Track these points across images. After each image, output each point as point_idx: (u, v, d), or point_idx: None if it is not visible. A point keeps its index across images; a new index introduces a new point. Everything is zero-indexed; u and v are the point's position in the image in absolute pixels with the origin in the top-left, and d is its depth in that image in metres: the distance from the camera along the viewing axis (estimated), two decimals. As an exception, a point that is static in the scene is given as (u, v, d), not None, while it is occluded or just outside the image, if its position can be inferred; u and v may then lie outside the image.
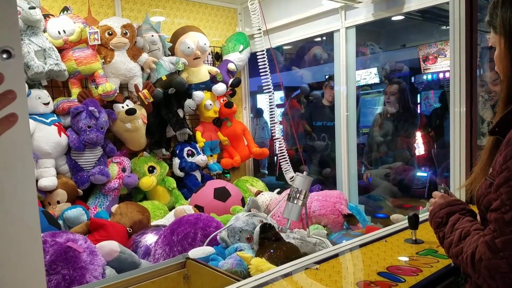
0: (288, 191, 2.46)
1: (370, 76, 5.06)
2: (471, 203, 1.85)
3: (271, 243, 1.42)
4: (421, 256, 1.33)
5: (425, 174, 3.67)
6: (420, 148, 3.80)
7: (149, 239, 1.92)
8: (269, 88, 2.30)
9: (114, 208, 2.16)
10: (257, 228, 1.57)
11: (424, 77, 5.08)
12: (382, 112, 3.75)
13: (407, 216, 1.49)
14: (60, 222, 2.11)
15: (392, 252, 1.36)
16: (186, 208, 2.23)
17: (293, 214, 1.63)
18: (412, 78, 5.28)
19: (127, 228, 2.02)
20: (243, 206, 2.60)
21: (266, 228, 1.45)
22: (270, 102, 2.40)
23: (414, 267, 1.23)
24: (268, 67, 2.40)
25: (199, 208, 2.42)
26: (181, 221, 1.74)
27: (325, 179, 3.72)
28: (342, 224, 2.22)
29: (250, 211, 1.96)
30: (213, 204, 2.43)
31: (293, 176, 2.12)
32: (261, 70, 2.32)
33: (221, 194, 2.48)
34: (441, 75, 4.80)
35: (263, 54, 2.39)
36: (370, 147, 3.72)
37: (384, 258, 1.30)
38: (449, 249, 1.01)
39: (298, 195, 1.64)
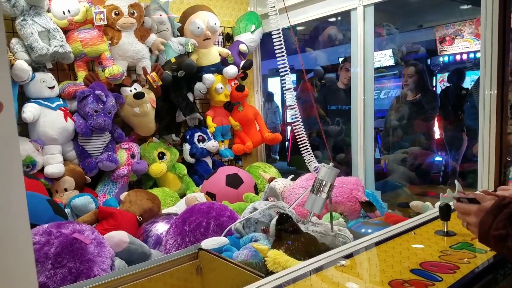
0: (302, 178, 2.37)
1: (385, 58, 4.90)
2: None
3: (289, 235, 1.32)
4: (456, 250, 1.21)
5: (441, 159, 3.54)
6: (438, 132, 3.66)
7: (160, 228, 1.84)
8: (286, 70, 2.16)
9: (123, 196, 2.08)
10: (274, 221, 1.47)
11: (441, 59, 4.91)
12: (400, 95, 3.59)
13: (438, 206, 1.37)
14: (68, 210, 2.04)
15: (424, 246, 1.25)
16: (197, 195, 2.15)
17: (316, 207, 1.53)
18: (428, 60, 5.11)
19: (137, 217, 1.94)
20: (256, 193, 2.51)
21: (283, 219, 1.35)
22: (285, 86, 2.26)
23: (449, 263, 1.11)
24: (284, 48, 2.26)
25: (210, 195, 2.34)
26: (193, 210, 1.66)
27: (339, 164, 3.61)
28: (359, 211, 2.11)
29: (267, 199, 1.86)
30: (225, 191, 2.35)
31: (316, 167, 2.01)
32: (277, 51, 2.17)
33: (233, 181, 2.39)
34: (458, 57, 4.63)
35: (279, 33, 2.25)
36: (387, 132, 3.58)
37: (416, 253, 1.18)
38: None
39: (322, 187, 1.54)
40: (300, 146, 2.12)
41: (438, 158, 3.58)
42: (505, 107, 1.89)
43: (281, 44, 2.18)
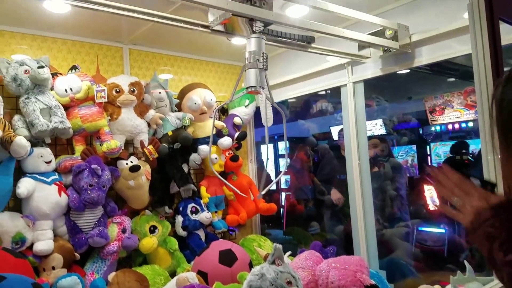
0: (301, 256, 2.25)
1: (376, 127, 5.02)
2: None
3: None
4: None
5: (443, 231, 3.46)
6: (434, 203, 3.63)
7: (148, 312, 1.74)
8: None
9: (110, 277, 2.00)
10: None
11: (433, 128, 5.03)
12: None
13: None
14: (53, 291, 1.96)
15: None
16: (189, 275, 2.06)
17: (262, 80, 1.52)
18: (420, 130, 5.25)
19: (125, 300, 1.85)
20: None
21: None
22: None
23: None
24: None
25: (202, 274, 2.23)
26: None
27: (338, 237, 3.51)
28: (364, 297, 2.00)
29: (274, 262, 1.73)
30: (218, 270, 2.24)
31: None
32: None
33: (227, 258, 2.30)
34: (450, 126, 4.73)
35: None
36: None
37: None
38: None
39: (257, 57, 1.50)
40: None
41: (440, 230, 3.48)
42: None
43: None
